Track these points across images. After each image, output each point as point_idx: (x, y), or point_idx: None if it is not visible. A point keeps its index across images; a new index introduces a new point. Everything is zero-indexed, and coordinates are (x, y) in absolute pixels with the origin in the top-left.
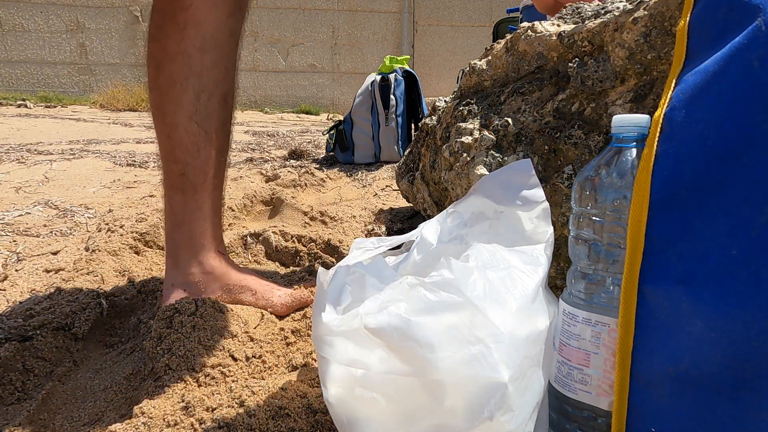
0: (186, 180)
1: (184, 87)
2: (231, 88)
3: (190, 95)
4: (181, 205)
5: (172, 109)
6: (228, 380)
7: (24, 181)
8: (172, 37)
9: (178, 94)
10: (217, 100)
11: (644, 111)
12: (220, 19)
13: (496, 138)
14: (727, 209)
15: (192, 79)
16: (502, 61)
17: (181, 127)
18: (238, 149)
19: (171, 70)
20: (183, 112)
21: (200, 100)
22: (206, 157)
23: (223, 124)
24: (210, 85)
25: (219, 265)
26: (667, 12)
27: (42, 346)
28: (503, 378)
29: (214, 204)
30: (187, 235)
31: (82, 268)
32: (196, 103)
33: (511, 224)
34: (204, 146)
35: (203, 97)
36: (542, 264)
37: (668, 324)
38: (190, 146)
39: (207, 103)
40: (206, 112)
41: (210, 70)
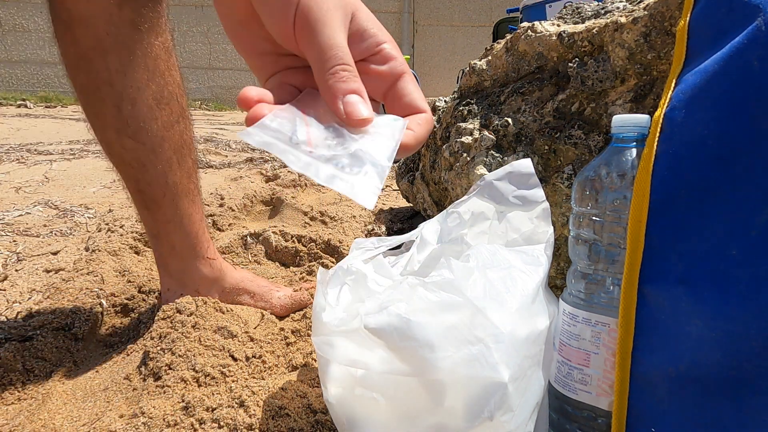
0: (144, 196)
1: (98, 98)
2: (165, 89)
3: (109, 108)
4: (149, 220)
5: (98, 124)
6: (228, 380)
7: (24, 181)
8: (65, 39)
9: (95, 106)
10: (145, 106)
11: (644, 111)
12: (108, 10)
13: (496, 138)
14: (727, 209)
15: (104, 88)
16: (502, 61)
17: (115, 144)
18: (238, 149)
19: (78, 79)
20: (109, 128)
21: (122, 111)
22: (156, 170)
23: (167, 127)
24: (129, 92)
25: (210, 270)
26: (667, 12)
27: (42, 346)
28: (503, 378)
29: (188, 212)
30: (168, 247)
31: (82, 268)
32: (119, 116)
33: (511, 224)
34: (149, 160)
35: (125, 108)
36: (542, 264)
37: (668, 324)
38: (133, 162)
39: (133, 113)
40: (136, 124)
41: (121, 74)
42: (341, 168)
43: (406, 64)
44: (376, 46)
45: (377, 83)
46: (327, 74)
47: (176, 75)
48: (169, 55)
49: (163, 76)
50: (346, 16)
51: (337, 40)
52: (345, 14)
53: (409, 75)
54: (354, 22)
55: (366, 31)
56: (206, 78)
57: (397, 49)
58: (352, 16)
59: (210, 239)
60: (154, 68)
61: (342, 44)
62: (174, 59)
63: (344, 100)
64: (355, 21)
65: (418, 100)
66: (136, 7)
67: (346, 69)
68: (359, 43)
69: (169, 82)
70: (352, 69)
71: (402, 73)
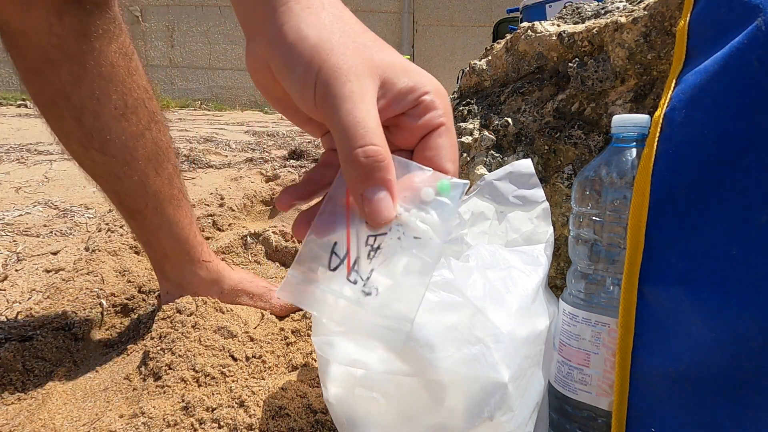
0: (126, 207)
1: (56, 112)
2: (129, 96)
3: (70, 122)
4: (137, 229)
5: (63, 139)
6: (228, 380)
7: (24, 181)
8: (12, 52)
9: (55, 120)
10: (108, 117)
11: (644, 111)
12: (47, 21)
13: (496, 138)
14: (727, 209)
15: (60, 102)
16: (502, 61)
17: (84, 158)
18: (238, 149)
19: (32, 92)
20: (74, 142)
21: (84, 124)
22: (132, 181)
23: (136, 137)
24: (89, 104)
25: (207, 273)
26: (667, 12)
27: (42, 346)
28: (503, 378)
29: (175, 218)
30: (161, 254)
31: (82, 268)
32: (82, 129)
33: (511, 224)
34: (122, 171)
35: (87, 121)
36: (542, 264)
37: (668, 324)
38: (107, 176)
39: (96, 126)
40: (101, 136)
41: (76, 86)
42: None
43: (450, 116)
44: (416, 99)
45: (410, 135)
46: (347, 161)
47: (140, 79)
48: (128, 60)
49: (124, 84)
50: (374, 78)
51: (359, 115)
52: (373, 76)
53: (447, 129)
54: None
55: (404, 87)
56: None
57: (442, 96)
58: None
59: (204, 242)
60: (112, 76)
61: (365, 120)
62: (135, 63)
63: (365, 196)
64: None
65: (442, 158)
66: (80, 16)
67: (370, 153)
68: (399, 102)
69: (132, 88)
70: (376, 152)
71: (438, 125)
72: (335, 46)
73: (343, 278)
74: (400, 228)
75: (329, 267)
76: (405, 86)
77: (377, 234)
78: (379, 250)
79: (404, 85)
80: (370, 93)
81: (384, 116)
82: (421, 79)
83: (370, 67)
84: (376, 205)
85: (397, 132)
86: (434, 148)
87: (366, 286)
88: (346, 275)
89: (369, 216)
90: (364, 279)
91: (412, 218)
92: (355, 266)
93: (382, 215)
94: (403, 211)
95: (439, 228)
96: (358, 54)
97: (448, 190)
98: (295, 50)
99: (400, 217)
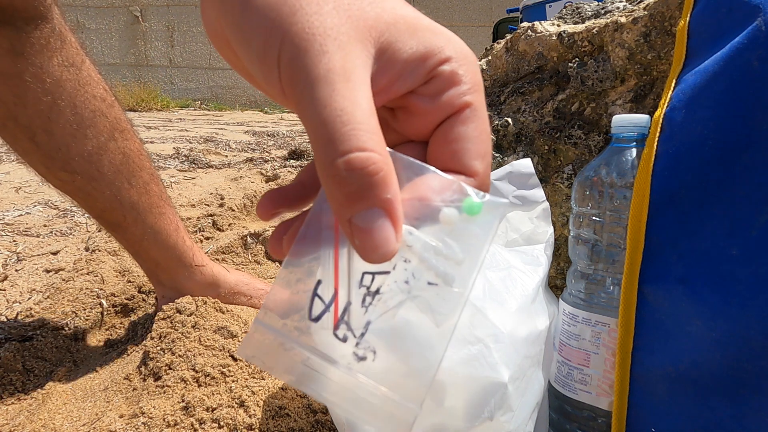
0: (106, 221)
1: (10, 135)
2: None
3: (25, 143)
4: (122, 241)
5: (26, 160)
6: (228, 380)
7: (24, 181)
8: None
9: (12, 144)
10: (64, 134)
11: (644, 111)
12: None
13: (496, 138)
14: (727, 209)
15: (9, 124)
16: (502, 61)
17: (50, 177)
18: (238, 149)
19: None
20: (36, 163)
21: (40, 145)
22: (104, 195)
23: (99, 150)
24: (40, 122)
25: (202, 277)
26: (667, 12)
27: (42, 346)
28: (503, 378)
29: (159, 227)
30: (152, 262)
31: (82, 268)
32: (39, 150)
33: (511, 224)
34: (92, 187)
35: (42, 140)
36: (542, 264)
37: (668, 324)
38: (76, 193)
39: (52, 145)
40: (61, 155)
41: (19, 106)
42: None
43: (479, 91)
44: (430, 71)
45: (423, 122)
46: (326, 176)
47: (94, 89)
48: (77, 71)
49: (76, 96)
50: (366, 44)
51: (341, 105)
52: (364, 40)
53: (474, 111)
54: (388, 47)
55: (412, 54)
56: (206, 78)
57: (469, 63)
58: (383, 38)
59: (194, 246)
60: (59, 91)
61: (349, 111)
62: (87, 72)
63: (354, 223)
64: (391, 44)
65: (467, 155)
66: (10, 34)
67: (357, 164)
68: (406, 76)
69: (86, 99)
70: (366, 161)
71: (461, 106)
72: (305, 2)
73: (328, 333)
74: (409, 266)
75: (310, 316)
76: (414, 53)
77: (376, 272)
78: (378, 296)
79: (412, 52)
80: (360, 68)
81: (384, 98)
82: (437, 41)
83: (360, 28)
84: (370, 237)
85: (405, 118)
86: (456, 139)
87: (359, 346)
88: (333, 328)
89: (361, 251)
90: (357, 336)
91: (425, 252)
92: (345, 316)
93: (378, 251)
94: (412, 240)
95: (464, 268)
96: (340, 11)
97: (477, 211)
98: (249, 13)
99: (410, 249)
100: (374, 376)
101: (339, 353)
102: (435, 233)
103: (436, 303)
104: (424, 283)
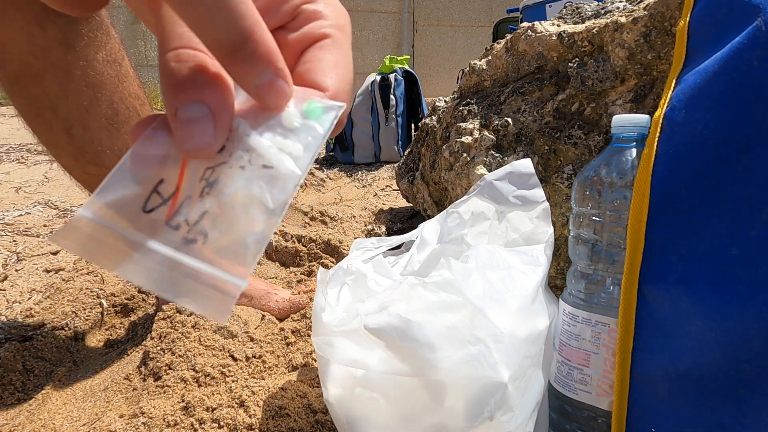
0: None
1: (44, 125)
2: (120, 104)
3: (59, 134)
4: None
5: (53, 151)
6: (228, 380)
7: (24, 181)
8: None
9: (43, 133)
10: (99, 127)
11: (644, 111)
12: (27, 32)
13: (496, 138)
14: (727, 209)
15: (46, 114)
16: (502, 61)
17: (76, 170)
18: None
19: (17, 105)
20: (66, 156)
21: (75, 137)
22: None
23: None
24: (78, 115)
25: None
26: (667, 12)
27: (42, 346)
28: (503, 378)
29: None
30: None
31: (82, 268)
32: (72, 142)
33: (511, 224)
34: None
35: (77, 133)
36: (542, 264)
37: (668, 324)
38: None
39: (87, 138)
40: (93, 148)
41: (62, 98)
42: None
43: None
44: (294, 9)
45: (289, 54)
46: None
47: (131, 85)
48: (117, 67)
49: (114, 92)
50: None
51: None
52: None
53: (333, 42)
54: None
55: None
56: None
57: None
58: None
59: None
60: (101, 85)
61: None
62: (126, 69)
63: (177, 115)
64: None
65: (318, 71)
66: (63, 26)
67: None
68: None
69: (123, 96)
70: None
71: (319, 36)
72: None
73: (160, 222)
74: (245, 155)
75: (144, 208)
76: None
77: (216, 165)
78: (215, 185)
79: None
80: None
81: None
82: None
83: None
84: (188, 128)
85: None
86: (311, 60)
87: (191, 231)
88: (165, 219)
89: (178, 142)
90: (190, 224)
91: (265, 143)
92: (182, 209)
93: (192, 141)
94: (256, 135)
95: (301, 158)
96: None
97: (318, 114)
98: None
99: (247, 141)
100: (201, 256)
101: (167, 239)
102: (278, 133)
103: (271, 183)
104: (260, 167)
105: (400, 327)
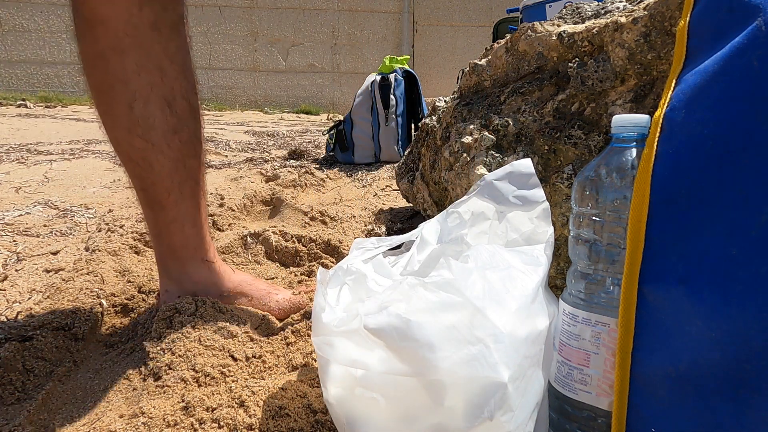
0: (149, 196)
1: (111, 96)
2: (178, 90)
3: (122, 106)
4: (152, 220)
5: (108, 122)
6: (228, 380)
7: (24, 181)
8: (86, 37)
9: (108, 105)
10: (156, 106)
11: (644, 111)
12: (128, 11)
13: (496, 138)
14: (727, 209)
15: (118, 86)
16: (502, 61)
17: (124, 142)
18: (238, 149)
19: (94, 77)
20: (120, 126)
21: (134, 110)
22: (163, 170)
23: (176, 129)
24: (143, 91)
25: (209, 274)
26: (667, 12)
27: (42, 346)
28: (503, 378)
29: (191, 214)
30: (169, 248)
31: (82, 268)
32: (131, 114)
33: (511, 224)
34: (156, 160)
35: (138, 107)
36: (542, 264)
37: (668, 324)
38: (140, 161)
39: (144, 113)
40: (146, 124)
41: (136, 74)
42: None
43: None
44: None
45: None
46: None
47: (190, 76)
48: (185, 57)
49: (177, 77)
50: None
51: None
52: None
53: None
54: None
55: None
56: (206, 78)
57: None
58: None
59: (211, 242)
60: (169, 69)
61: None
62: (189, 61)
63: None
64: None
65: None
66: (156, 9)
67: None
68: None
69: (183, 84)
70: None
71: None
72: None
73: None
74: None
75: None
76: None
77: None
78: None
79: None
80: None
81: None
82: None
83: None
84: None
85: None
86: None
87: None
88: None
89: None
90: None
91: None
92: None
93: None
94: None
95: None
96: None
97: None
98: None
99: None
100: None
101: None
102: None
103: None
104: None
105: (400, 327)
